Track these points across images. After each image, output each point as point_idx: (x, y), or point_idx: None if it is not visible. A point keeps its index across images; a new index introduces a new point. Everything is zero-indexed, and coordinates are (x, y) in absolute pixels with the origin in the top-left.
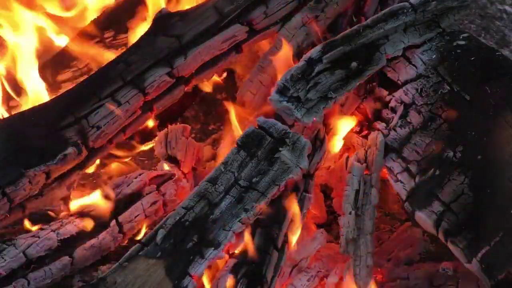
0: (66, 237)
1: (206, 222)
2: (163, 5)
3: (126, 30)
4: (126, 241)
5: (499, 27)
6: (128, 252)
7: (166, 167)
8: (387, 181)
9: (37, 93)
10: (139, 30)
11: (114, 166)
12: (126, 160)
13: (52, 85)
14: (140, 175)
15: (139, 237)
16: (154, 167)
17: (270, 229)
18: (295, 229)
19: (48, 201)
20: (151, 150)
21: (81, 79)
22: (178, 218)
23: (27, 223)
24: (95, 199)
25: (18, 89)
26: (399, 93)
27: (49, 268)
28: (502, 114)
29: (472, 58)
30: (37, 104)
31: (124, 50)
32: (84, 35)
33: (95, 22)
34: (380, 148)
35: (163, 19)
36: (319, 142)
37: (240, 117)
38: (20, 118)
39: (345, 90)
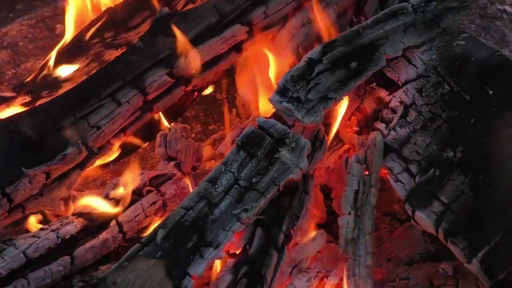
0: (66, 237)
1: (206, 222)
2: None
3: (126, 30)
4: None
5: (499, 27)
6: (128, 252)
7: (165, 167)
8: (387, 181)
9: None
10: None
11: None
12: None
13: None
14: (140, 175)
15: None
16: (155, 167)
17: (269, 229)
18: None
19: (48, 201)
20: (151, 150)
21: (82, 79)
22: (178, 218)
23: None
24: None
25: None
26: (399, 93)
27: (49, 268)
28: (502, 114)
29: (472, 58)
30: None
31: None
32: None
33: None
34: (379, 149)
35: (163, 19)
36: (318, 143)
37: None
38: (20, 118)
39: (345, 90)
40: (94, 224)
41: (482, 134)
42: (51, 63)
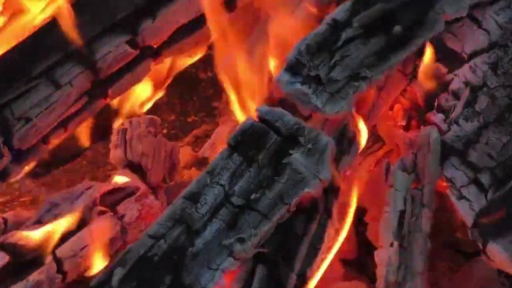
0: None
1: (184, 257)
2: None
3: None
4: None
5: None
6: None
7: (125, 178)
8: (446, 197)
9: None
10: None
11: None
12: None
13: None
14: (87, 189)
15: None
16: (109, 178)
17: (276, 268)
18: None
19: None
20: (105, 153)
21: None
22: (143, 251)
23: None
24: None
25: None
26: (463, 71)
27: None
28: None
29: None
30: None
31: None
32: None
33: None
34: (435, 151)
35: None
36: (347, 142)
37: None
38: None
39: (385, 67)
40: (22, 260)
41: None
42: None
